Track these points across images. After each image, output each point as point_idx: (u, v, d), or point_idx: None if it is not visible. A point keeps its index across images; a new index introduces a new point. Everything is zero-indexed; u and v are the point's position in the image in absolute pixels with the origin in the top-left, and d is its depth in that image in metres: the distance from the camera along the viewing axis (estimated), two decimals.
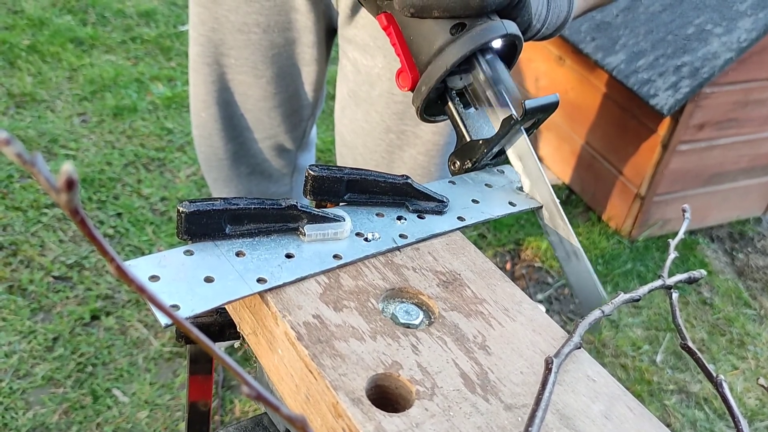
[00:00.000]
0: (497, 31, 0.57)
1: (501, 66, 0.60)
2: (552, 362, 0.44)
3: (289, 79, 1.10)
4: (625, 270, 1.99)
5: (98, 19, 2.65)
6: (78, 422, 1.39)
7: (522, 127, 0.61)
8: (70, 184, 0.19)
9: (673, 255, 0.60)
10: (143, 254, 1.76)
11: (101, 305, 1.61)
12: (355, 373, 0.42)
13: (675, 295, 0.57)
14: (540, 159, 2.36)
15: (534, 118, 0.60)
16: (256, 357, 0.49)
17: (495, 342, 0.48)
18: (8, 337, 1.51)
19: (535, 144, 2.37)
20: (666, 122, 1.90)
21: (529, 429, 0.39)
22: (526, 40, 0.66)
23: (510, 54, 0.62)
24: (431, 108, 0.63)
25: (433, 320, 0.48)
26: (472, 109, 0.62)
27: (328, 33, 1.07)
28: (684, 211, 0.64)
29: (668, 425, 1.67)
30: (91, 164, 1.99)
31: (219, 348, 0.23)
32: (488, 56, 0.59)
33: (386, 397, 0.43)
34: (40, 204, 1.83)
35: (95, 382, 1.46)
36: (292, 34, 1.04)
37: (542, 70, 2.26)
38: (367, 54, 0.96)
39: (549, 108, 0.59)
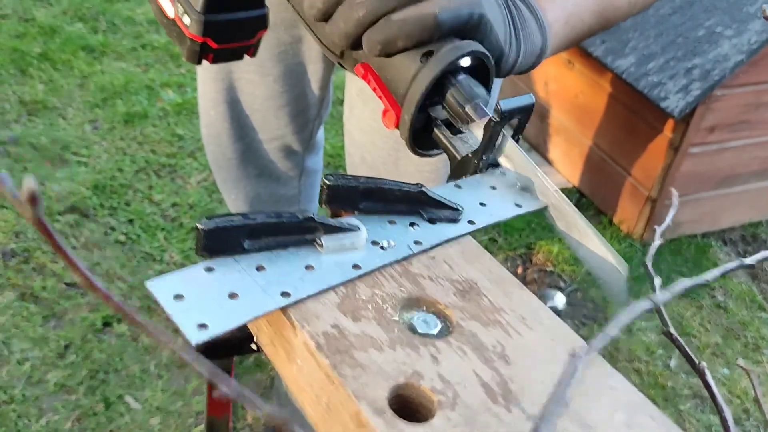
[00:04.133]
0: (463, 49, 0.58)
1: (474, 82, 0.61)
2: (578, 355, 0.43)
3: (295, 78, 1.11)
4: (637, 274, 1.98)
5: (109, 26, 2.67)
6: (91, 429, 1.40)
7: (507, 133, 0.61)
8: (32, 199, 0.20)
9: (658, 242, 0.60)
10: (154, 260, 1.77)
11: (113, 312, 1.62)
12: (376, 383, 0.42)
13: (657, 282, 0.57)
14: (550, 162, 2.35)
15: (513, 118, 0.60)
16: (274, 367, 0.49)
17: (514, 351, 0.47)
18: (21, 344, 1.52)
19: (544, 147, 2.37)
20: (677, 125, 1.89)
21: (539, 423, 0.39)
22: (507, 73, 0.68)
23: (484, 76, 0.63)
24: (422, 141, 0.64)
25: (451, 330, 0.48)
26: (460, 134, 0.63)
27: None
28: (672, 196, 0.65)
29: (684, 431, 1.66)
30: (103, 171, 2.00)
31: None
32: (460, 76, 0.61)
33: (407, 407, 0.42)
34: (53, 211, 1.84)
35: (107, 388, 1.47)
36: (298, 31, 1.05)
37: (551, 74, 2.25)
38: None
39: (525, 109, 0.60)
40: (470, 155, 0.61)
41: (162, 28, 2.70)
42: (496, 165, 0.65)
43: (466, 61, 0.60)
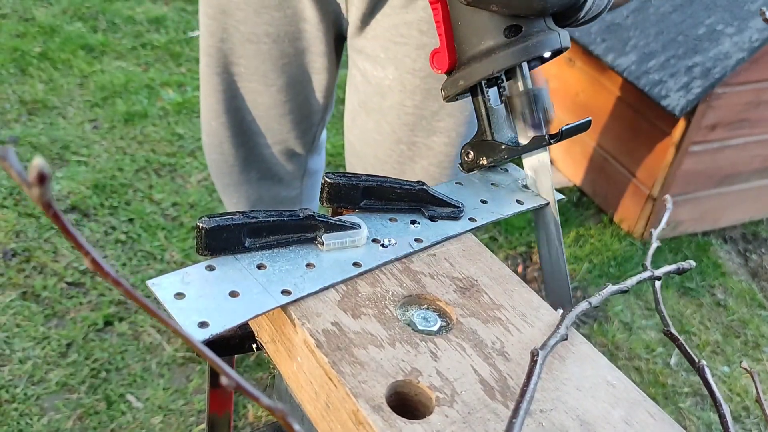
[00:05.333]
0: (552, 45, 0.55)
1: (540, 76, 0.59)
2: (537, 354, 0.44)
3: (299, 88, 1.10)
4: (637, 272, 1.98)
5: (109, 25, 2.67)
6: (92, 428, 1.40)
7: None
8: (41, 178, 0.19)
9: (656, 245, 0.61)
10: (155, 259, 1.77)
11: (114, 311, 1.62)
12: (374, 380, 0.42)
13: (658, 284, 0.58)
14: (551, 161, 2.35)
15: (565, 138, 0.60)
16: (274, 364, 0.49)
17: (513, 348, 0.48)
18: (22, 343, 1.52)
19: None
20: (678, 123, 1.89)
21: (513, 421, 0.39)
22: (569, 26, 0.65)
23: (551, 56, 0.61)
24: None
25: (451, 327, 0.48)
26: (499, 102, 0.60)
27: (338, 40, 1.07)
28: (665, 201, 0.65)
29: (683, 428, 1.65)
30: (103, 170, 2.00)
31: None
32: (532, 63, 0.58)
33: (406, 404, 0.43)
34: None
35: (109, 387, 1.47)
36: (302, 43, 1.04)
37: (552, 72, 2.25)
38: (377, 65, 0.96)
39: (581, 129, 0.59)
40: (504, 147, 0.59)
41: (162, 27, 2.70)
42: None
43: (547, 54, 0.57)
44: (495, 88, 0.60)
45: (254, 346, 0.51)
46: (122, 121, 2.20)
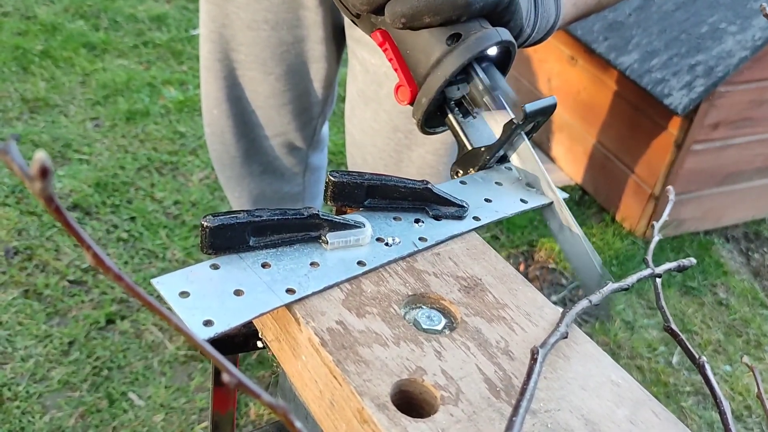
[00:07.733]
0: (492, 39, 0.57)
1: (497, 73, 0.60)
2: (537, 352, 0.44)
3: (298, 77, 1.11)
4: (639, 271, 1.98)
5: (110, 24, 2.67)
6: (94, 426, 1.40)
7: (522, 132, 0.61)
8: (43, 172, 0.19)
9: (657, 238, 0.61)
10: (157, 258, 1.77)
11: (116, 309, 1.62)
12: (379, 379, 0.42)
13: (658, 280, 0.58)
14: (552, 160, 2.35)
15: (534, 121, 0.60)
16: (278, 363, 0.49)
17: (518, 347, 0.47)
18: (24, 342, 1.52)
19: (547, 144, 2.36)
20: (680, 122, 1.89)
21: (513, 419, 0.39)
22: (518, 47, 0.66)
23: (505, 60, 0.62)
24: (431, 120, 0.63)
25: (455, 326, 0.48)
26: (471, 118, 0.62)
27: (338, 31, 1.07)
28: (668, 192, 0.65)
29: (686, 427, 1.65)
30: (105, 168, 2.00)
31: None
32: (484, 64, 0.60)
33: (411, 402, 0.43)
34: None
35: (111, 385, 1.47)
36: (300, 31, 1.05)
37: (555, 70, 2.25)
38: (375, 53, 0.97)
39: (548, 110, 0.60)
40: (483, 149, 0.61)
41: (164, 26, 2.70)
42: (505, 159, 0.64)
43: (493, 50, 0.59)
44: (470, 117, 0.62)
45: (258, 343, 0.51)
46: (124, 120, 2.20)
